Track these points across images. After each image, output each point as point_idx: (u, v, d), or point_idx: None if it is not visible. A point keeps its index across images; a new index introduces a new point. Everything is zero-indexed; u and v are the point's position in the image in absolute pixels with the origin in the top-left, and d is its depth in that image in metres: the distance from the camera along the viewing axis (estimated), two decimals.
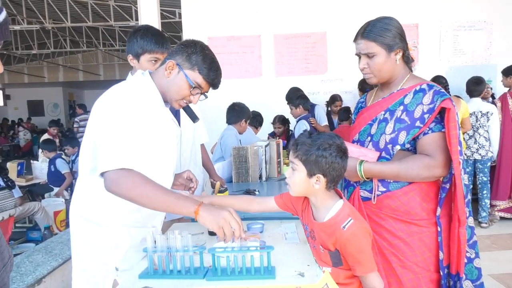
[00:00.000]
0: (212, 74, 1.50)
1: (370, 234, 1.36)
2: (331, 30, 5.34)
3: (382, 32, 1.55)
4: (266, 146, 3.05)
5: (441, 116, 1.52)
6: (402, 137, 1.54)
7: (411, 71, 1.66)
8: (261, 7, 5.39)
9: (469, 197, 1.56)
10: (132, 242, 1.55)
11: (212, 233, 1.78)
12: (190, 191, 1.73)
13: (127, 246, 1.54)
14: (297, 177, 1.36)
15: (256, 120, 4.22)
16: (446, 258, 1.55)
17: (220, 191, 2.08)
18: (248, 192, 2.48)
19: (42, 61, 16.13)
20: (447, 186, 1.52)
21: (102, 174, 1.35)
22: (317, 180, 1.33)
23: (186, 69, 1.48)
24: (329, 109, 5.28)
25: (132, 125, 1.39)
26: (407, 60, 1.63)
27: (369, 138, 1.65)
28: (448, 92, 4.25)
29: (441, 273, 1.55)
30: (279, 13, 5.41)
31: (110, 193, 1.35)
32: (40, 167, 5.86)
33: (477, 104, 4.47)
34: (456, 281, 1.53)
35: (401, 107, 1.58)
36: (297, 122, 4.45)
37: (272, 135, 5.00)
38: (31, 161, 6.44)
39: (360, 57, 1.62)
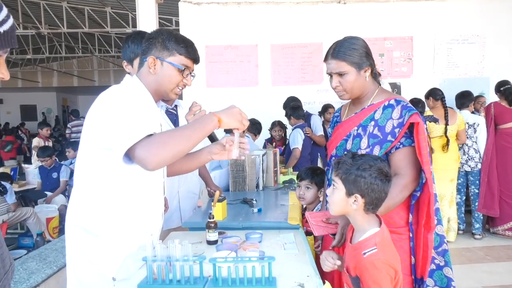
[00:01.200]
0: (190, 49, 1.55)
1: (395, 270, 1.33)
2: (327, 41, 5.34)
3: (350, 52, 1.65)
4: (263, 155, 3.06)
5: (410, 130, 1.60)
6: (376, 151, 1.62)
7: (380, 85, 1.77)
8: (258, 17, 5.44)
9: (437, 205, 1.62)
10: (130, 251, 1.53)
11: (210, 242, 1.77)
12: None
13: (124, 256, 1.51)
14: (336, 196, 1.39)
15: (255, 127, 4.26)
16: (416, 262, 1.62)
17: (218, 200, 2.08)
18: (245, 201, 2.47)
19: (37, 66, 16.04)
20: (418, 194, 1.59)
21: (129, 159, 1.34)
22: (355, 200, 1.35)
23: (168, 57, 1.51)
24: (322, 118, 5.28)
25: (131, 109, 1.38)
26: (375, 76, 1.74)
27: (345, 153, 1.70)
28: (444, 104, 4.30)
29: (413, 277, 1.62)
30: (276, 23, 5.46)
31: (156, 169, 1.35)
32: (33, 173, 5.80)
33: (465, 116, 4.55)
34: (420, 284, 1.60)
35: (372, 123, 1.66)
36: (293, 130, 4.49)
37: (269, 140, 5.00)
38: (23, 165, 6.38)
39: (331, 76, 1.72)
